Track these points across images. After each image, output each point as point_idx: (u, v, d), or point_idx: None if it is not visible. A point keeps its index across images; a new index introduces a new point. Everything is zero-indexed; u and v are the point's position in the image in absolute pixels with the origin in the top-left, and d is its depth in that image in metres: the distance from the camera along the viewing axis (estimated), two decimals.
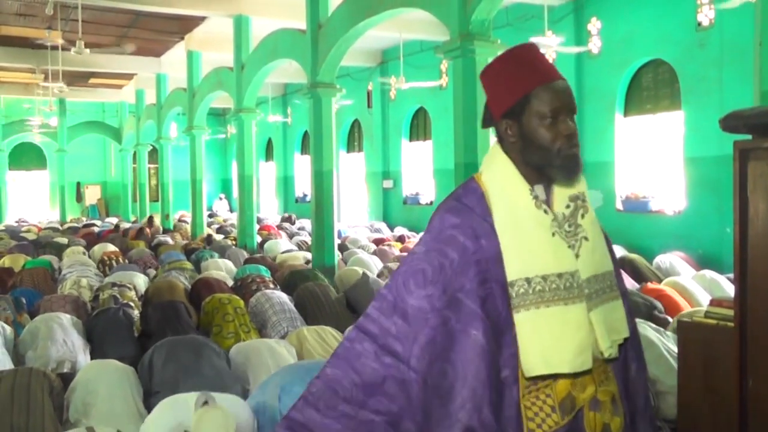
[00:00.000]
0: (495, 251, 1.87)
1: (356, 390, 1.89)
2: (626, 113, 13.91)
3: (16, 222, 25.79)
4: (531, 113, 1.90)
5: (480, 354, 1.81)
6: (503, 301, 1.86)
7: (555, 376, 1.87)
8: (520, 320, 1.83)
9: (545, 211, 1.91)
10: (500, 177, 1.96)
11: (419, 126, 20.51)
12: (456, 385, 1.80)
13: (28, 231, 19.31)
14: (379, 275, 10.40)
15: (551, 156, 1.89)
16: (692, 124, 12.21)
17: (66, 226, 22.66)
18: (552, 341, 1.83)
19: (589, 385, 1.93)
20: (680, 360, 4.12)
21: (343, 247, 14.08)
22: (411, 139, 20.77)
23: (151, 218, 21.72)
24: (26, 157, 31.15)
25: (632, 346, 2.09)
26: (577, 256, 1.91)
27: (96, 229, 19.57)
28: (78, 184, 31.28)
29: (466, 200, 1.95)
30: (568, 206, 1.95)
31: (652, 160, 13.41)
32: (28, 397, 4.14)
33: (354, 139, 23.63)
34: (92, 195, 31.81)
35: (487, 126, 2.07)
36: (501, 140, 2.00)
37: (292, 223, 21.60)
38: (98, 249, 13.59)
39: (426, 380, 1.85)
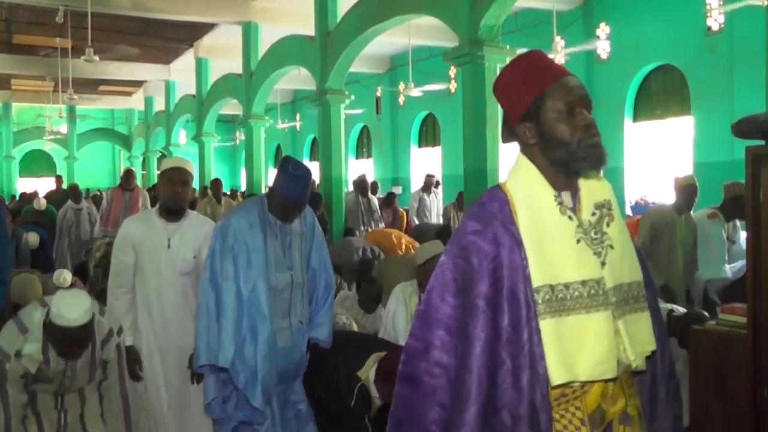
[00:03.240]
0: (514, 260, 1.85)
1: (436, 408, 1.91)
2: (636, 118, 13.88)
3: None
4: (547, 111, 1.90)
5: (491, 359, 1.82)
6: (519, 311, 1.84)
7: (584, 386, 1.86)
8: (545, 327, 1.81)
9: (570, 218, 1.89)
10: (524, 183, 1.93)
11: (428, 132, 20.50)
12: (473, 391, 1.81)
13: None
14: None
15: (573, 148, 1.88)
16: (702, 129, 12.17)
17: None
18: (572, 349, 1.81)
19: (620, 397, 1.91)
20: (692, 368, 4.08)
21: None
22: (420, 146, 20.76)
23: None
24: (36, 164, 31.32)
25: (663, 363, 2.06)
26: (603, 263, 1.89)
27: None
28: (87, 190, 31.37)
29: (489, 207, 1.93)
30: (594, 213, 1.93)
31: (661, 165, 13.36)
32: None
33: (363, 145, 23.63)
34: None
35: (508, 140, 2.05)
36: (523, 147, 1.98)
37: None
38: None
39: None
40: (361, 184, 11.82)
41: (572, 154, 1.88)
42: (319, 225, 4.14)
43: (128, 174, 10.39)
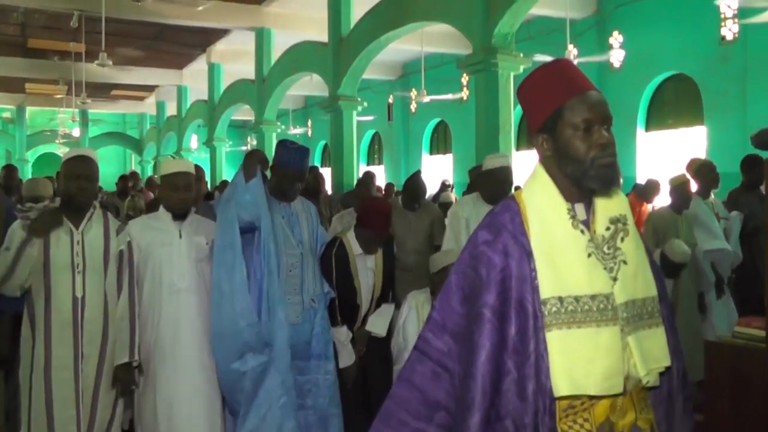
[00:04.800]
0: (523, 271, 1.85)
1: (422, 407, 1.97)
2: (648, 128, 13.84)
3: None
4: (564, 125, 1.88)
5: (496, 368, 1.82)
6: (526, 321, 1.83)
7: (592, 399, 1.84)
8: (551, 339, 1.80)
9: (582, 231, 1.87)
10: (538, 194, 1.93)
11: (439, 139, 20.48)
12: (476, 398, 1.81)
13: None
14: None
15: (585, 167, 1.85)
16: (715, 139, 12.12)
17: None
18: (581, 362, 1.79)
19: (629, 411, 1.89)
20: (707, 382, 4.05)
21: None
22: (431, 153, 20.75)
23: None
24: (49, 167, 31.39)
25: (679, 377, 2.05)
26: (615, 279, 1.87)
27: None
28: None
29: (500, 218, 1.93)
30: (608, 228, 1.91)
31: (673, 175, 13.29)
32: None
33: (374, 151, 23.64)
34: None
35: (532, 147, 2.05)
36: (541, 157, 1.97)
37: None
38: None
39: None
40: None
41: (584, 173, 1.85)
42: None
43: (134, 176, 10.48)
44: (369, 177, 8.64)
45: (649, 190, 9.02)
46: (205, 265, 3.98)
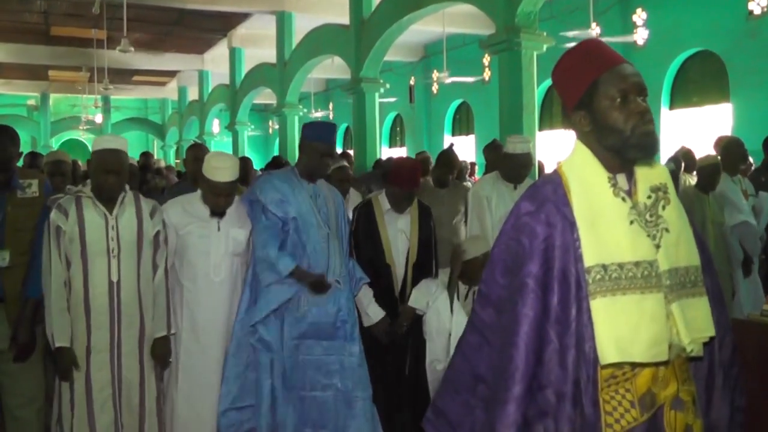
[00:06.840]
0: (566, 240, 1.88)
1: (470, 378, 2.05)
2: (672, 106, 13.70)
3: None
4: (600, 98, 1.91)
5: (539, 337, 1.85)
6: (568, 291, 1.86)
7: (634, 369, 1.85)
8: (596, 307, 1.82)
9: (623, 199, 1.90)
10: (579, 165, 1.96)
11: (462, 120, 20.40)
12: (520, 367, 1.84)
13: None
14: None
15: (626, 136, 1.88)
16: (741, 116, 11.98)
17: None
18: (626, 329, 1.81)
19: (671, 382, 1.91)
20: None
21: None
22: (454, 134, 20.68)
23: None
24: (72, 153, 31.30)
25: (723, 350, 2.05)
26: (658, 246, 1.89)
27: None
28: None
29: (543, 189, 1.97)
30: (649, 196, 1.93)
31: (698, 153, 13.16)
32: None
33: (396, 134, 23.59)
34: None
35: (567, 127, 2.08)
36: (579, 134, 2.00)
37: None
38: None
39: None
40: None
41: (625, 142, 1.88)
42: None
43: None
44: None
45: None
46: (241, 259, 4.02)
